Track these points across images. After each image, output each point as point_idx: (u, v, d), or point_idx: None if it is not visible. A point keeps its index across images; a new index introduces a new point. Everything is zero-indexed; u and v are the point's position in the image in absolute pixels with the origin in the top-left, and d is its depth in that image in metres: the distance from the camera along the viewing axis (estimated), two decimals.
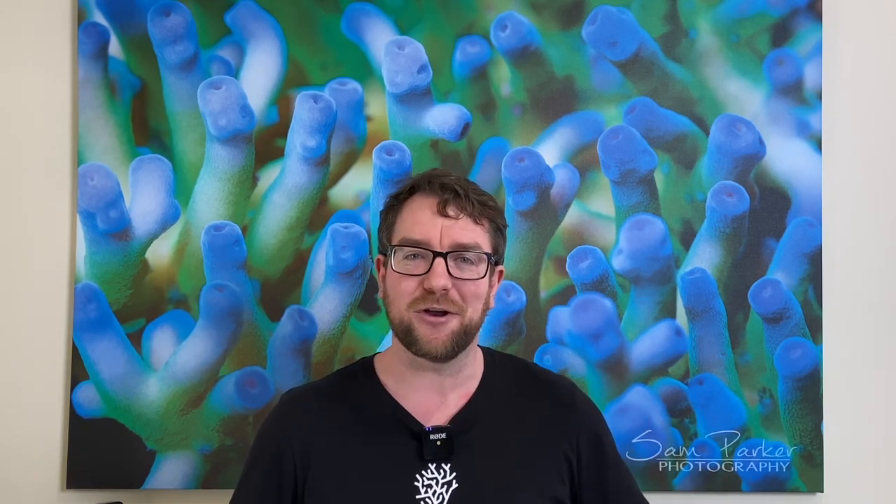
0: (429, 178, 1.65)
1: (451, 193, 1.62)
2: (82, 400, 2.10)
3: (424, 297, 1.59)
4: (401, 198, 1.66)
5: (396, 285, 1.61)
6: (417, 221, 1.61)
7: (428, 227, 1.60)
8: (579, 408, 1.72)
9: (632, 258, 2.12)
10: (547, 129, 2.16)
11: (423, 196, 1.63)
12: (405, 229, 1.62)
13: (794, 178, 2.15)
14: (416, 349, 1.60)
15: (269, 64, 2.15)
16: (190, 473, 2.10)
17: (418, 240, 1.60)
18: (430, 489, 1.61)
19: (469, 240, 1.61)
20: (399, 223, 1.64)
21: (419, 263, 1.60)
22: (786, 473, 2.11)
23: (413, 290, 1.60)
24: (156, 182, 2.11)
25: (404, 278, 1.60)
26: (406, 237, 1.61)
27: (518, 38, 2.15)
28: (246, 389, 2.09)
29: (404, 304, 1.60)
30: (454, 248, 1.60)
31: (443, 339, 1.59)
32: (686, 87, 2.16)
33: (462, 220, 1.61)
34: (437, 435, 1.61)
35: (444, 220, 1.61)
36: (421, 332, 1.59)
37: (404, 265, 1.61)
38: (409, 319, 1.60)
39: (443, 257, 1.59)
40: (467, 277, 1.61)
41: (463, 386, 1.68)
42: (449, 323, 1.60)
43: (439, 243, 1.60)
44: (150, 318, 2.12)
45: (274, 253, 2.13)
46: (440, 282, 1.58)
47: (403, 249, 1.61)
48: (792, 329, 2.12)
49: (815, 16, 2.16)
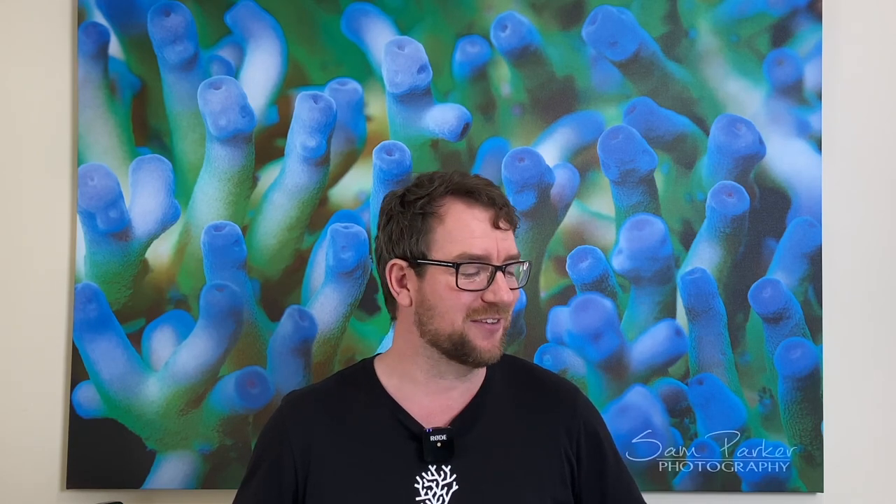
0: (477, 187, 1.62)
1: (503, 206, 1.62)
2: (82, 400, 2.10)
3: (485, 308, 1.59)
4: (436, 203, 1.61)
5: (453, 299, 1.59)
6: (475, 235, 1.59)
7: (487, 240, 1.59)
8: (580, 409, 1.71)
9: (632, 258, 2.12)
10: (547, 129, 2.16)
11: (472, 206, 1.60)
12: (463, 243, 1.59)
13: (794, 178, 2.15)
14: (472, 358, 1.60)
15: (269, 64, 2.15)
16: (190, 473, 2.10)
17: (481, 255, 1.59)
18: (430, 491, 1.61)
19: (516, 251, 1.63)
20: (444, 232, 1.60)
21: (479, 278, 1.59)
22: (786, 473, 2.11)
23: (471, 302, 1.59)
24: (156, 182, 2.11)
25: (464, 293, 1.59)
26: (467, 252, 1.58)
27: (518, 38, 2.15)
28: (246, 389, 2.09)
29: (461, 317, 1.59)
30: (508, 262, 1.61)
31: (496, 345, 1.61)
32: (686, 87, 2.16)
33: (509, 232, 1.63)
34: (437, 437, 1.61)
35: (498, 232, 1.61)
36: (478, 341, 1.59)
37: (465, 281, 1.59)
38: (464, 330, 1.59)
39: (502, 271, 1.60)
40: (516, 287, 1.63)
41: (467, 387, 1.67)
42: (499, 329, 1.61)
43: (497, 257, 1.60)
44: (150, 318, 2.12)
45: (274, 253, 2.13)
46: (509, 296, 1.59)
47: (466, 266, 1.58)
48: (792, 329, 2.12)
49: (815, 16, 2.16)
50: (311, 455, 1.63)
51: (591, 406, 1.76)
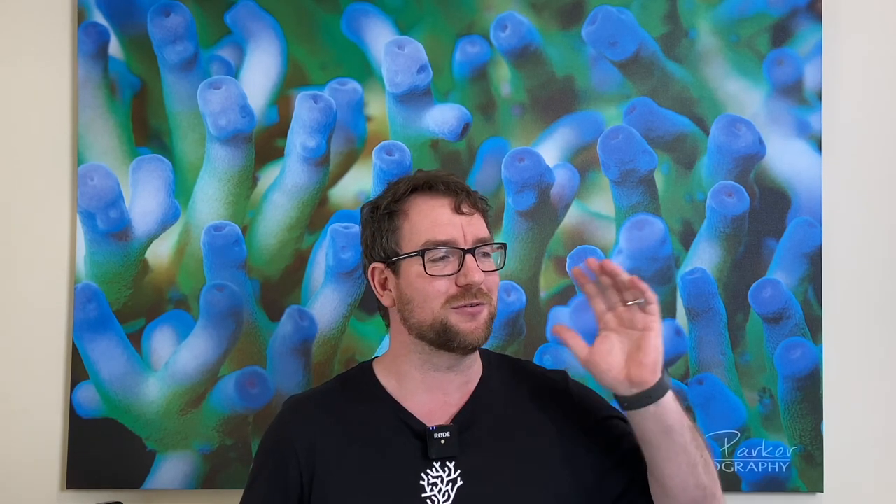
0: (436, 178, 1.66)
1: (463, 192, 1.65)
2: (82, 400, 2.10)
3: (462, 293, 1.61)
4: (401, 201, 1.66)
5: (426, 288, 1.61)
6: (438, 222, 1.63)
7: (450, 226, 1.62)
8: (573, 392, 1.73)
9: (632, 258, 2.11)
10: (547, 129, 2.16)
11: (433, 197, 1.65)
12: (426, 231, 1.63)
13: (794, 178, 2.15)
14: (455, 343, 1.61)
15: (269, 64, 2.15)
16: (190, 473, 2.10)
17: (446, 240, 1.62)
18: (435, 487, 1.61)
19: (485, 233, 1.65)
20: (409, 226, 1.64)
21: (448, 263, 1.61)
22: (786, 473, 2.11)
23: (446, 289, 1.61)
24: (156, 182, 2.11)
25: (436, 279, 1.61)
26: (431, 240, 1.62)
27: (518, 38, 2.15)
28: (246, 389, 2.09)
29: (439, 304, 1.61)
30: (477, 244, 1.63)
31: (480, 328, 1.62)
32: (686, 87, 2.16)
33: (475, 216, 1.65)
34: (441, 434, 1.62)
35: (462, 217, 1.63)
36: (461, 325, 1.61)
37: (434, 266, 1.61)
38: (444, 317, 1.61)
39: (472, 254, 1.61)
40: (490, 269, 1.64)
41: (466, 384, 1.69)
42: (482, 313, 1.62)
43: (464, 240, 1.62)
44: (150, 318, 2.12)
45: (274, 253, 2.13)
46: (479, 276, 1.60)
47: (432, 252, 1.61)
48: (792, 329, 2.12)
49: (815, 16, 2.16)
50: (316, 456, 1.64)
51: (583, 386, 1.76)
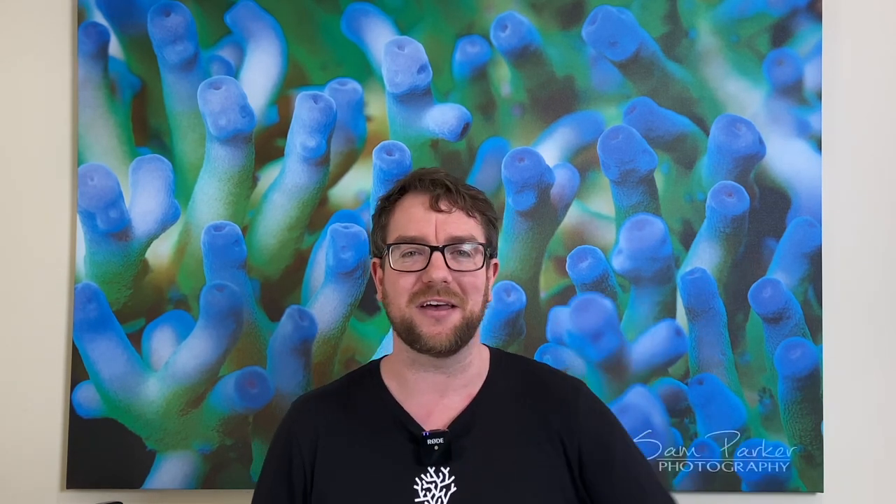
0: (418, 176, 1.67)
1: (442, 188, 1.64)
2: (82, 400, 2.10)
3: (424, 290, 1.60)
4: (392, 199, 1.67)
5: (395, 283, 1.62)
6: (412, 219, 1.63)
7: (422, 223, 1.62)
8: (582, 410, 1.69)
9: (632, 258, 2.11)
10: (547, 129, 2.16)
11: (415, 194, 1.65)
12: (400, 227, 1.64)
13: (794, 178, 2.15)
14: (419, 345, 1.61)
15: (269, 64, 2.15)
16: (190, 473, 2.10)
17: (414, 236, 1.61)
18: (428, 493, 1.61)
19: (464, 232, 1.63)
20: (392, 223, 1.65)
21: (417, 259, 1.61)
22: (786, 473, 2.11)
23: (412, 285, 1.60)
24: (156, 182, 2.11)
25: (402, 275, 1.61)
26: (401, 235, 1.62)
27: (518, 38, 2.15)
28: (246, 389, 2.09)
29: (404, 301, 1.61)
30: (450, 242, 1.61)
31: (446, 333, 1.60)
32: (686, 87, 2.16)
33: (455, 213, 1.63)
34: (434, 440, 1.62)
35: (438, 214, 1.62)
36: (424, 327, 1.60)
37: (402, 262, 1.62)
38: (409, 316, 1.61)
39: (440, 251, 1.60)
40: (465, 269, 1.61)
41: (467, 387, 1.67)
42: (451, 317, 1.60)
43: (435, 238, 1.61)
44: (150, 318, 2.12)
45: (274, 253, 2.13)
46: (439, 273, 1.59)
47: (400, 247, 1.62)
48: (792, 329, 2.12)
49: (815, 16, 2.16)
50: (317, 453, 1.65)
51: (595, 403, 1.73)
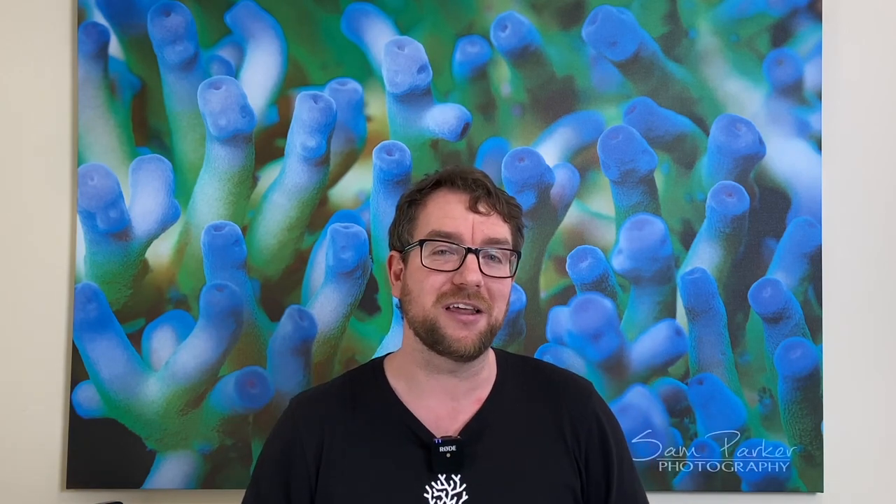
0: (458, 173, 1.61)
1: (483, 190, 1.58)
2: (82, 400, 2.10)
3: (454, 292, 1.54)
4: (424, 192, 1.61)
5: (423, 280, 1.56)
6: (448, 215, 1.57)
7: (459, 220, 1.56)
8: (592, 408, 1.67)
9: (632, 258, 2.12)
10: (547, 129, 2.16)
11: (452, 191, 1.59)
12: (434, 223, 1.58)
13: (794, 178, 2.15)
14: (441, 347, 1.55)
15: (269, 64, 2.15)
16: (190, 473, 2.10)
17: (450, 233, 1.56)
18: (439, 501, 1.57)
19: (501, 236, 1.58)
20: (424, 217, 1.59)
21: (449, 259, 1.56)
22: (786, 473, 2.11)
23: (441, 285, 1.55)
24: (156, 182, 2.11)
25: (432, 273, 1.55)
26: (436, 230, 1.57)
27: (518, 38, 2.15)
28: (246, 389, 2.09)
29: (430, 301, 1.55)
30: (485, 244, 1.56)
31: (472, 339, 1.55)
32: (686, 87, 2.16)
33: (493, 217, 1.58)
34: (446, 447, 1.57)
35: (476, 216, 1.57)
36: (449, 329, 1.55)
37: (433, 260, 1.56)
38: (434, 316, 1.55)
39: (475, 253, 1.55)
40: (497, 275, 1.57)
41: (476, 390, 1.64)
42: (478, 323, 1.56)
43: (471, 239, 1.56)
44: (150, 318, 2.12)
45: (274, 253, 2.13)
46: (474, 277, 1.53)
47: (433, 243, 1.56)
48: (792, 329, 2.12)
49: (815, 16, 2.16)
50: (322, 458, 1.60)
51: (606, 409, 1.71)
